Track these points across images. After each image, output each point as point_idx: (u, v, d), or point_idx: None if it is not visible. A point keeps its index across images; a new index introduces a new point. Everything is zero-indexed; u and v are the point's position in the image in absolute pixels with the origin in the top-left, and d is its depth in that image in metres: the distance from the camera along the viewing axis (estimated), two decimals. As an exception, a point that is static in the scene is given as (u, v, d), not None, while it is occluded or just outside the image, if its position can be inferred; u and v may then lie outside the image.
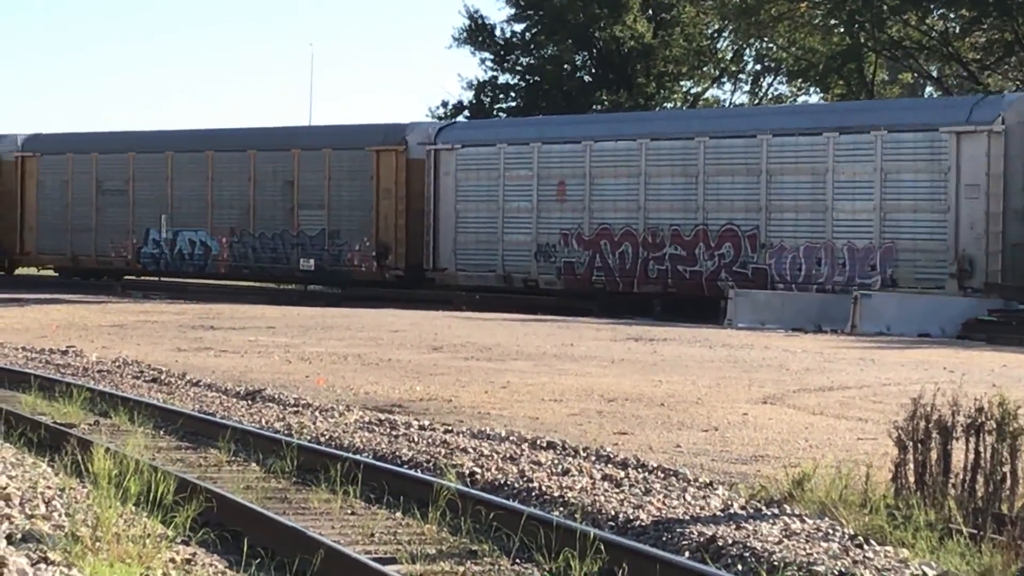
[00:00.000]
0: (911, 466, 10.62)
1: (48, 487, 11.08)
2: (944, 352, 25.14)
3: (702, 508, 10.84)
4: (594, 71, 58.42)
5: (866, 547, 9.51)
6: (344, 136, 43.09)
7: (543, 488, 11.65)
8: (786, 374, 20.92)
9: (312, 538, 9.49)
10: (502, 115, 56.49)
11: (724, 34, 59.94)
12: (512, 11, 58.47)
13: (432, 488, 11.00)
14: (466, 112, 58.44)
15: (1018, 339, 28.06)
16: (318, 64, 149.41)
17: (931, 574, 8.85)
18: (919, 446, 10.60)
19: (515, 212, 38.73)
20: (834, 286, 32.79)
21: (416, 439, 14.29)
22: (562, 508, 10.97)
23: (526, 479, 12.01)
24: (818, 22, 52.78)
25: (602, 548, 9.23)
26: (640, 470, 12.50)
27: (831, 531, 9.97)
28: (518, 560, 9.70)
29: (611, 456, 13.18)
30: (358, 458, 12.71)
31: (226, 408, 16.95)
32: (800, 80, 57.74)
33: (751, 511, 10.71)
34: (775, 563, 9.13)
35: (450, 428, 15.09)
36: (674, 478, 12.13)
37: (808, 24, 52.87)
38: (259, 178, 43.86)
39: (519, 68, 59.49)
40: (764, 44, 58.57)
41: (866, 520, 10.22)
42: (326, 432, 14.77)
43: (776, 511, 10.65)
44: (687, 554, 9.59)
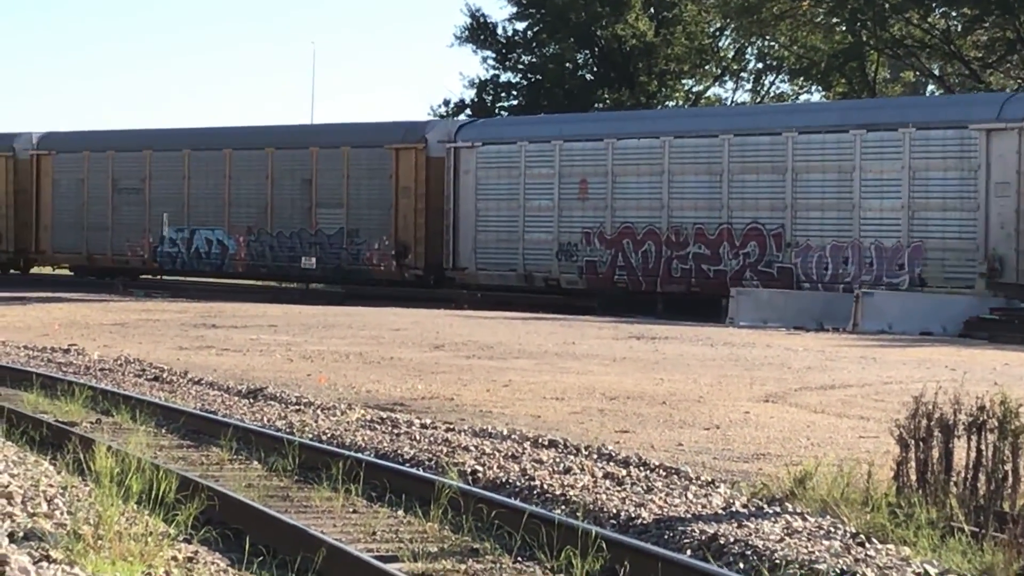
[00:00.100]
0: (913, 464, 10.63)
1: (50, 485, 11.09)
2: (946, 350, 25.14)
3: (704, 506, 10.84)
4: (596, 69, 58.45)
5: (868, 545, 9.51)
6: (363, 134, 42.67)
7: (545, 486, 11.65)
8: (788, 372, 20.92)
9: (314, 536, 9.49)
10: (503, 114, 56.47)
11: (726, 32, 60.00)
12: (514, 9, 58.57)
13: (434, 486, 11.00)
14: (467, 111, 58.48)
15: (1020, 337, 28.05)
16: (319, 63, 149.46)
17: (933, 572, 8.85)
18: (921, 444, 10.60)
19: (536, 210, 38.31)
20: (861, 285, 32.27)
21: (418, 437, 14.29)
22: (564, 506, 10.97)
23: (528, 477, 12.01)
24: (820, 20, 52.82)
25: (604, 546, 9.24)
26: (642, 468, 12.50)
27: (833, 529, 9.97)
28: (520, 558, 9.70)
29: (613, 454, 13.18)
30: (360, 456, 12.71)
31: (228, 406, 16.95)
32: (802, 79, 57.75)
33: (753, 509, 10.71)
34: (777, 561, 9.13)
35: (452, 426, 15.09)
36: (676, 476, 12.13)
37: (810, 22, 52.91)
38: (277, 176, 43.46)
39: (521, 67, 59.53)
40: (766, 42, 58.61)
41: (868, 518, 10.23)
42: (328, 430, 14.78)
43: (778, 509, 10.65)
44: (689, 552, 9.60)
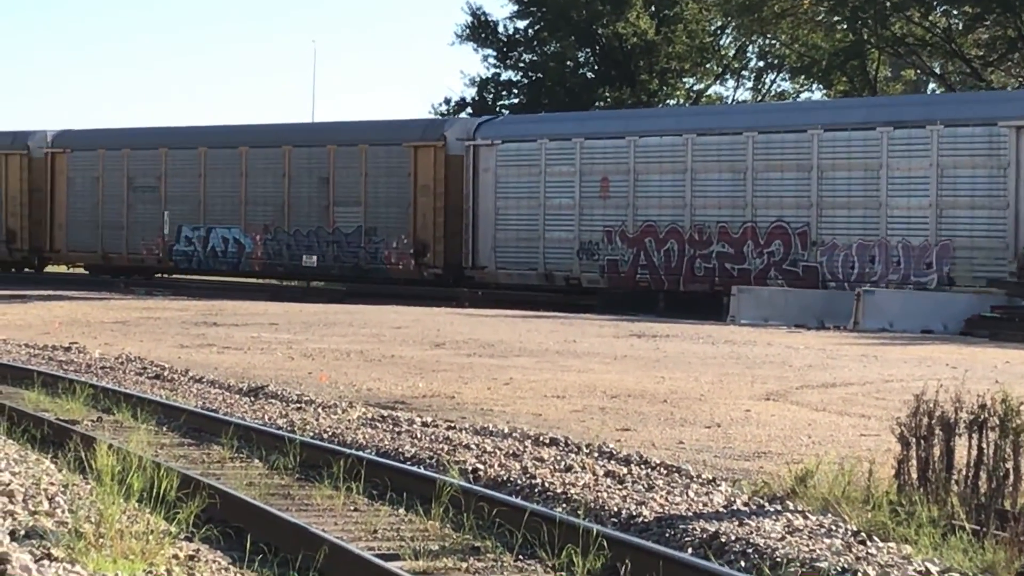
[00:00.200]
0: (914, 462, 10.62)
1: (51, 483, 11.09)
2: (947, 349, 25.13)
3: (705, 504, 10.84)
4: (597, 68, 58.45)
5: (869, 543, 9.51)
6: (381, 132, 42.44)
7: (546, 484, 11.65)
8: (789, 371, 20.92)
9: (315, 534, 9.50)
10: (505, 112, 56.46)
11: (727, 31, 60.02)
12: (515, 8, 58.60)
13: (435, 485, 11.00)
14: (468, 109, 58.46)
15: (1021, 336, 28.05)
16: (319, 62, 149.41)
17: (934, 570, 8.84)
18: (922, 442, 10.60)
19: (557, 209, 37.93)
20: (888, 284, 32.09)
21: (419, 436, 14.29)
22: (565, 504, 10.97)
23: (529, 475, 12.01)
24: (821, 19, 52.85)
25: (605, 544, 9.23)
26: (643, 466, 12.49)
27: (834, 527, 9.97)
28: (521, 556, 9.70)
29: (614, 452, 13.18)
30: (361, 455, 12.71)
31: (229, 404, 16.95)
32: (803, 77, 57.74)
33: (754, 507, 10.71)
34: (778, 559, 9.13)
35: (453, 425, 15.08)
36: (677, 474, 12.13)
37: (811, 21, 52.94)
38: (294, 174, 43.13)
39: (522, 65, 59.53)
40: (767, 41, 58.61)
41: (869, 516, 10.23)
42: (329, 429, 14.78)
43: (779, 507, 10.65)
44: (690, 550, 9.59)
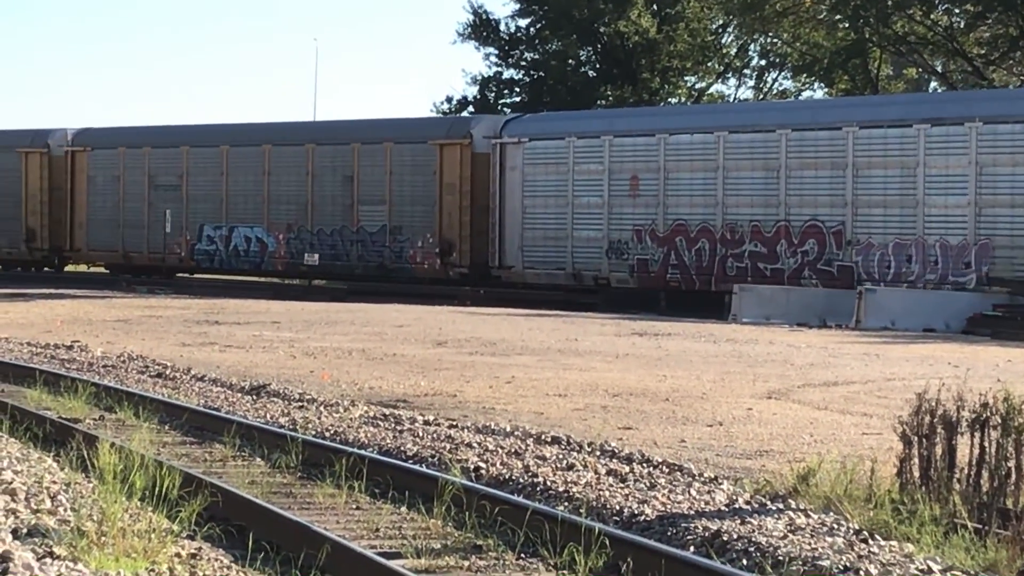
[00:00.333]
0: (916, 461, 10.63)
1: (53, 482, 11.10)
2: (949, 347, 25.12)
3: (707, 503, 10.85)
4: (598, 66, 58.46)
5: (871, 542, 9.52)
6: (406, 129, 42.26)
7: (548, 483, 11.65)
8: (791, 369, 20.91)
9: (317, 533, 9.50)
10: (507, 111, 56.43)
11: (729, 29, 60.01)
12: (516, 6, 58.60)
13: (437, 483, 11.01)
14: (470, 108, 58.46)
15: (1023, 334, 28.04)
16: (321, 60, 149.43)
17: (936, 569, 8.85)
18: (924, 441, 10.60)
19: (585, 208, 37.56)
20: (926, 284, 31.74)
21: (421, 434, 14.30)
22: (567, 503, 10.97)
23: (531, 474, 12.01)
24: (823, 17, 52.83)
25: (607, 543, 9.24)
26: (645, 465, 12.50)
27: (836, 526, 9.97)
28: (523, 555, 9.70)
29: (616, 451, 13.18)
30: (363, 453, 12.72)
31: (231, 403, 16.96)
32: (805, 75, 57.73)
33: (756, 506, 10.71)
34: (780, 558, 9.13)
35: (455, 423, 15.09)
36: (679, 473, 12.13)
37: (813, 19, 52.93)
38: (317, 173, 42.86)
39: (523, 63, 59.53)
40: (769, 39, 58.61)
41: (871, 515, 10.23)
42: (331, 427, 14.78)
43: (781, 506, 10.65)
44: (692, 549, 9.60)
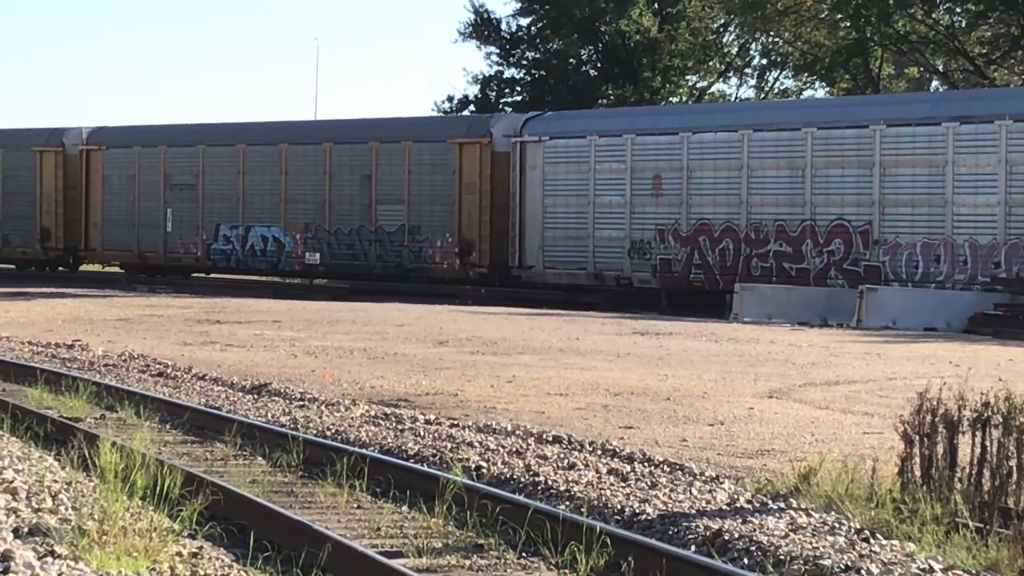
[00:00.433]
0: (917, 460, 10.63)
1: (54, 481, 11.10)
2: (950, 346, 25.12)
3: (708, 502, 10.85)
4: (600, 65, 58.44)
5: (872, 541, 9.52)
6: (425, 128, 42.06)
7: (549, 482, 11.65)
8: (792, 368, 20.91)
9: (319, 532, 9.50)
10: (507, 110, 56.40)
11: (730, 28, 60.00)
12: (518, 5, 58.57)
13: (438, 482, 11.01)
14: (471, 107, 58.45)
15: (1024, 333, 28.05)
16: (322, 59, 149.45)
17: (937, 568, 8.85)
18: (925, 440, 10.60)
19: (607, 207, 37.09)
20: (955, 284, 31.38)
21: (422, 433, 14.29)
22: (568, 502, 10.97)
23: (532, 473, 12.01)
24: (824, 16, 52.83)
25: (608, 542, 9.24)
26: (646, 464, 12.50)
27: (837, 525, 9.97)
28: (524, 554, 9.70)
29: (617, 450, 13.18)
30: (364, 452, 12.72)
31: (232, 402, 16.96)
32: (806, 74, 57.73)
33: (757, 505, 10.71)
34: (781, 557, 9.13)
35: (456, 422, 15.08)
36: (680, 472, 12.13)
37: (814, 18, 52.93)
38: (335, 172, 42.47)
39: (525, 62, 59.50)
40: (770, 38, 58.60)
41: (872, 514, 10.23)
42: (332, 426, 14.78)
43: (782, 505, 10.65)
44: (693, 548, 9.60)
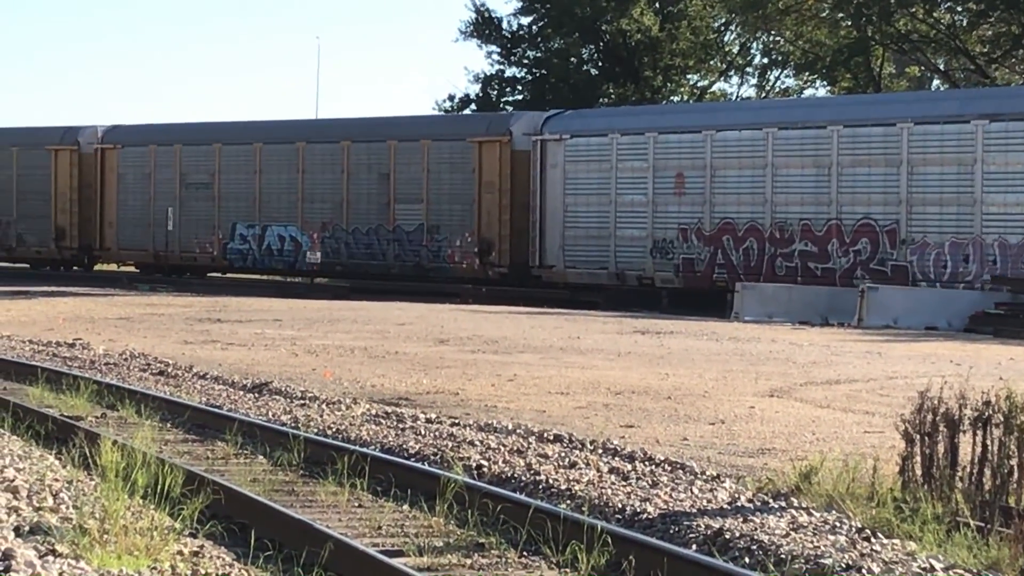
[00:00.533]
0: (918, 459, 10.63)
1: (55, 480, 11.10)
2: (951, 345, 25.11)
3: (709, 501, 10.85)
4: (601, 64, 58.44)
5: (873, 540, 9.52)
6: (444, 126, 41.79)
7: (550, 481, 11.65)
8: (793, 367, 20.91)
9: (320, 531, 9.50)
10: (508, 108, 56.37)
11: (731, 27, 59.99)
12: (519, 4, 58.57)
13: (439, 481, 11.01)
14: (472, 106, 58.44)
15: (1025, 332, 28.03)
16: (323, 58, 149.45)
17: (938, 567, 8.85)
18: (926, 439, 10.60)
19: (629, 206, 36.75)
20: (983, 285, 31.06)
21: (423, 432, 14.30)
22: (569, 501, 10.98)
23: (533, 472, 12.01)
24: (825, 15, 52.82)
25: (609, 541, 9.24)
26: (647, 463, 12.50)
27: (838, 524, 9.97)
28: (525, 553, 9.71)
29: (618, 449, 13.18)
30: (365, 451, 12.72)
31: (233, 401, 16.96)
32: (807, 73, 57.73)
33: (758, 504, 10.71)
34: (782, 556, 9.13)
35: (457, 421, 15.09)
36: (681, 471, 12.13)
37: (815, 17, 52.91)
38: (353, 170, 42.15)
39: (526, 61, 59.50)
40: (771, 37, 58.59)
41: (873, 513, 10.23)
42: (333, 425, 14.78)
43: (783, 504, 10.65)
44: (694, 547, 9.60)
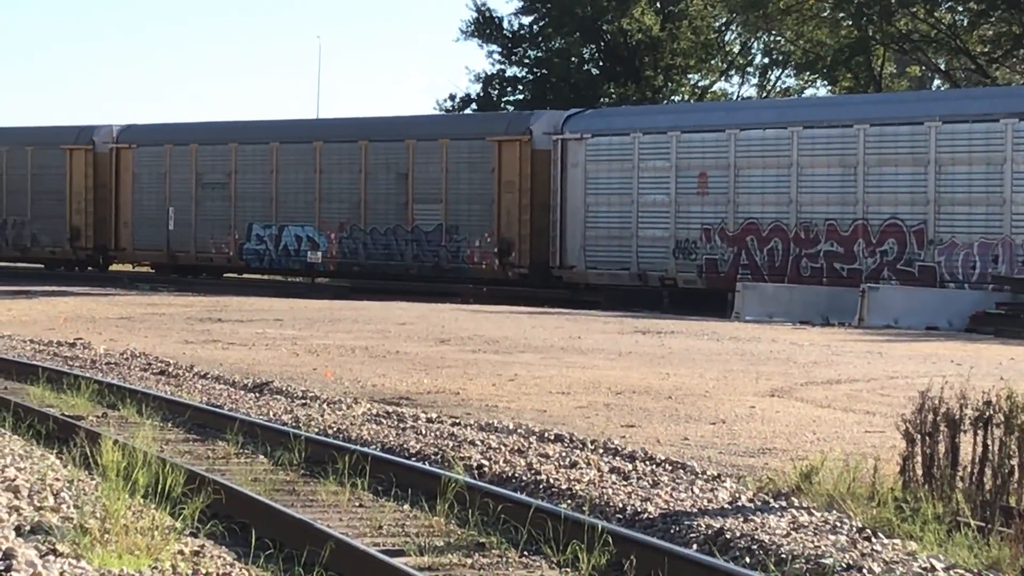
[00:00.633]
0: (919, 459, 10.63)
1: (56, 479, 11.10)
2: (952, 345, 25.11)
3: (710, 501, 10.85)
4: (602, 64, 58.42)
5: (874, 540, 9.52)
6: (463, 125, 41.58)
7: (551, 481, 11.66)
8: (793, 367, 20.91)
9: (320, 530, 9.51)
10: (509, 108, 56.35)
11: (732, 27, 59.98)
12: (520, 4, 58.55)
13: (440, 481, 11.02)
14: (473, 105, 58.44)
15: (1026, 332, 28.01)
16: (324, 57, 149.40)
17: (939, 567, 8.85)
18: (927, 439, 10.60)
19: (651, 206, 36.37)
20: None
21: (424, 432, 14.30)
22: (570, 501, 10.98)
23: (534, 472, 12.01)
24: (826, 15, 52.82)
25: (610, 541, 9.24)
26: (648, 463, 12.50)
27: (839, 524, 9.98)
28: (526, 552, 9.71)
29: (619, 449, 13.18)
30: (366, 451, 12.73)
31: (234, 400, 16.97)
32: (808, 73, 57.73)
33: (759, 504, 10.72)
34: (783, 556, 9.14)
35: (458, 421, 15.09)
36: (682, 471, 12.14)
37: (816, 17, 52.92)
38: (371, 170, 41.72)
39: (527, 61, 59.49)
40: (772, 37, 58.59)
41: (874, 513, 10.23)
42: (334, 424, 14.79)
43: (784, 504, 10.65)
44: (695, 547, 9.60)
